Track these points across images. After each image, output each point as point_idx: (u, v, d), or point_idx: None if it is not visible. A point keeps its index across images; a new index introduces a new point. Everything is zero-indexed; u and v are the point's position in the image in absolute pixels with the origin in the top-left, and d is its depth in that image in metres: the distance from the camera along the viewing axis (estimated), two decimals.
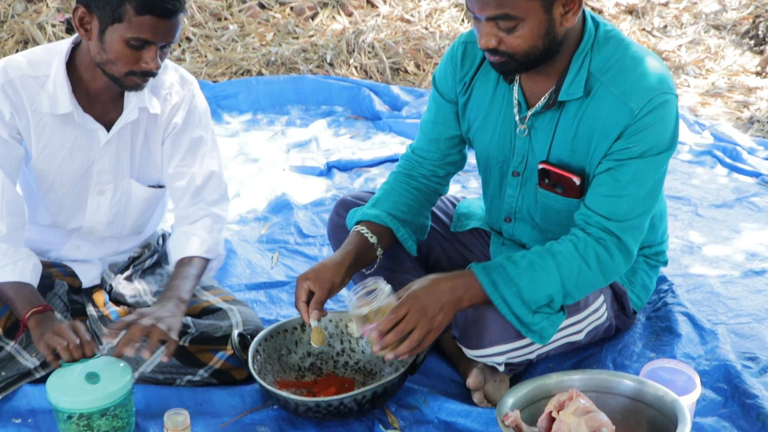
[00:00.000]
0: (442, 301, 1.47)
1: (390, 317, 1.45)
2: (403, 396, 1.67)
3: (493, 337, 1.55)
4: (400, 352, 1.46)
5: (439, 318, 1.46)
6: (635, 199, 1.49)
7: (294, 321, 1.76)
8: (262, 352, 1.68)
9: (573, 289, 1.50)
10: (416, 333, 1.45)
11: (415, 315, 1.45)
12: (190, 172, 1.72)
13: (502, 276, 1.49)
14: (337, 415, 1.54)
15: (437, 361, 1.81)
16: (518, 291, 1.48)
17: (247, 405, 1.64)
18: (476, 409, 1.61)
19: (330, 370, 1.75)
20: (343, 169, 2.93)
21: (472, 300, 1.50)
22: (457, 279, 1.50)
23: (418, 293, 1.48)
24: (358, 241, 1.62)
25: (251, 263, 2.23)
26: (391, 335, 1.45)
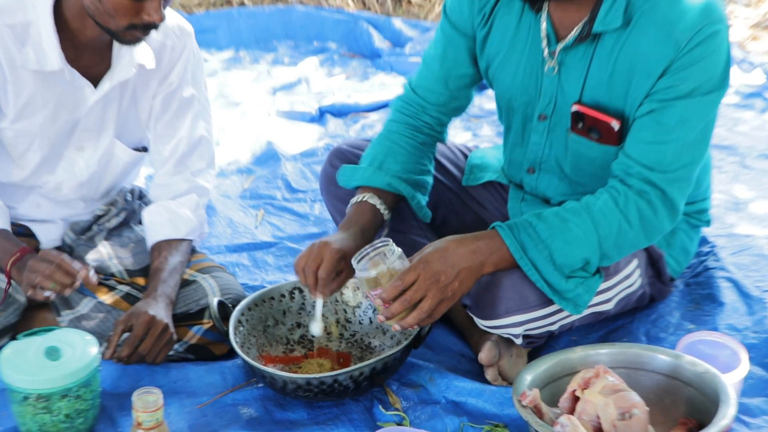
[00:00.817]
0: (458, 267, 1.45)
1: (396, 284, 1.43)
2: (406, 373, 1.66)
3: (510, 305, 1.53)
4: (407, 324, 1.44)
5: (454, 286, 1.44)
6: (682, 145, 1.46)
7: (282, 287, 1.75)
8: (245, 323, 1.67)
9: (611, 250, 1.49)
10: (426, 303, 1.43)
11: (425, 282, 1.43)
12: (176, 136, 1.72)
13: (531, 237, 1.47)
14: (330, 394, 1.53)
15: (445, 333, 1.81)
16: (550, 254, 1.46)
17: (228, 383, 1.63)
18: (489, 388, 1.60)
19: (323, 343, 1.74)
20: (338, 115, 2.91)
21: (496, 265, 1.48)
22: (479, 241, 1.47)
23: (430, 257, 1.45)
24: (369, 216, 1.59)
25: (232, 222, 2.22)
26: (397, 304, 1.43)
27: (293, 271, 1.58)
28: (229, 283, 1.76)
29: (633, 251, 1.54)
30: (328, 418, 1.55)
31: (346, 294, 1.75)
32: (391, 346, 1.70)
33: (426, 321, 1.46)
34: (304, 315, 1.76)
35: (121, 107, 1.68)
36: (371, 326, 1.75)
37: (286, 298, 1.75)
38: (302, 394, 1.54)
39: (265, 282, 2.00)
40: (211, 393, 1.61)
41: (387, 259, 1.45)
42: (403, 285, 1.43)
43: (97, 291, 1.70)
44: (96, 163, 1.71)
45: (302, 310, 1.76)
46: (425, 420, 1.55)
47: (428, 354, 1.74)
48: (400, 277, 1.43)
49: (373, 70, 3.18)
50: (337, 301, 1.76)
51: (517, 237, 1.48)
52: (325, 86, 3.08)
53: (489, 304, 1.56)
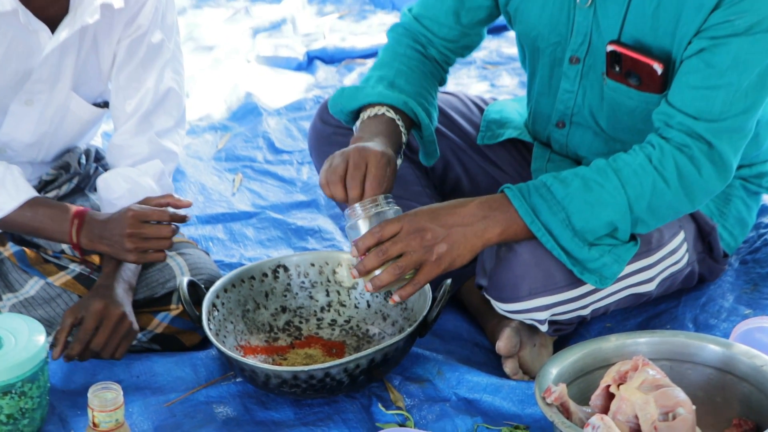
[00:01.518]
0: (450, 228, 1.45)
1: (373, 230, 1.44)
2: (411, 365, 1.65)
3: (534, 284, 1.52)
4: (379, 282, 1.44)
5: (441, 249, 1.44)
6: (735, 91, 1.44)
7: (264, 265, 1.74)
8: (221, 307, 1.66)
9: (645, 214, 1.48)
10: (404, 259, 1.43)
11: (406, 236, 1.43)
12: (141, 89, 1.71)
13: (544, 199, 1.47)
14: (321, 390, 1.52)
15: (456, 319, 1.80)
16: (567, 217, 1.46)
17: (201, 378, 1.63)
18: (508, 383, 1.59)
19: (312, 330, 1.73)
20: (329, 61, 2.90)
21: (504, 233, 1.48)
22: (482, 204, 1.48)
23: (420, 212, 1.47)
24: (390, 130, 1.57)
25: (205, 188, 2.20)
26: (371, 255, 1.44)
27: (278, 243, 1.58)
28: (201, 260, 1.74)
29: (675, 217, 1.53)
30: (319, 419, 1.54)
31: (340, 273, 1.74)
32: (393, 334, 1.68)
33: (408, 289, 1.45)
34: (289, 297, 1.75)
35: (80, 55, 1.67)
36: (369, 311, 1.74)
37: (268, 277, 1.73)
38: (288, 390, 1.52)
39: (244, 259, 1.99)
40: (180, 389, 1.60)
41: (381, 209, 1.46)
42: (381, 234, 1.44)
43: (45, 270, 1.68)
44: (48, 121, 1.69)
45: (287, 292, 1.75)
46: (432, 420, 1.54)
47: (436, 343, 1.73)
48: (381, 225, 1.44)
49: (371, 8, 3.15)
50: (329, 281, 1.75)
51: (528, 199, 1.47)
52: (314, 27, 3.05)
53: (509, 283, 1.54)
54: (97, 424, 1.40)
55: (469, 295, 1.79)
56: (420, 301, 1.64)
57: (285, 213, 2.11)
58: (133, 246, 1.59)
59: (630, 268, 1.57)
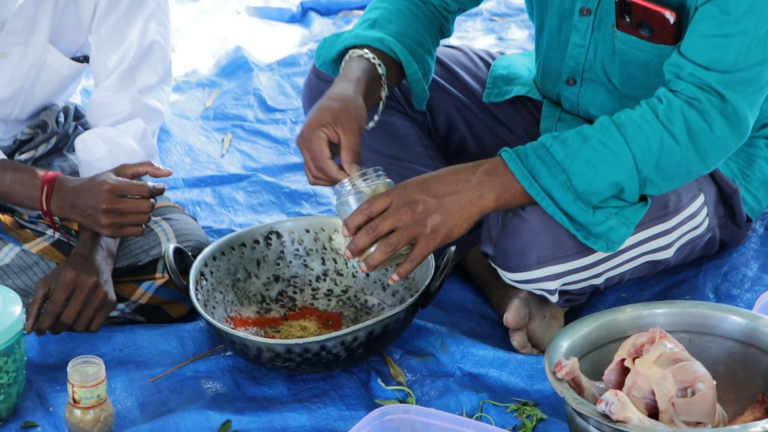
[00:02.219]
0: (442, 197, 1.46)
1: (362, 207, 1.45)
2: (412, 338, 1.67)
3: (543, 252, 1.53)
4: (373, 262, 1.46)
5: (434, 221, 1.46)
6: (751, 39, 1.43)
7: (255, 231, 1.74)
8: (209, 276, 1.67)
9: (653, 173, 1.47)
10: (395, 235, 1.45)
11: (396, 210, 1.45)
12: (124, 42, 1.71)
13: (543, 161, 1.47)
14: (317, 364, 1.54)
15: (461, 289, 1.81)
16: (568, 179, 1.47)
17: (189, 352, 1.64)
18: (516, 357, 1.60)
19: (307, 301, 1.74)
20: (325, 13, 2.91)
21: (502, 199, 1.49)
22: (476, 169, 1.49)
23: (410, 183, 1.48)
24: (366, 69, 1.56)
25: (192, 149, 2.22)
26: (361, 234, 1.45)
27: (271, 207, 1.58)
28: (189, 226, 1.75)
29: (688, 177, 1.53)
30: (314, 395, 1.55)
31: (337, 240, 1.75)
32: (393, 305, 1.70)
33: (406, 267, 1.47)
34: (282, 266, 1.76)
35: (58, 5, 1.67)
36: (368, 280, 1.75)
37: (260, 244, 1.74)
38: (281, 365, 1.53)
39: (234, 225, 2.00)
40: (166, 363, 1.60)
41: (370, 183, 1.47)
42: (370, 210, 1.45)
43: (21, 236, 1.69)
44: (23, 75, 1.69)
45: (281, 260, 1.76)
46: (435, 397, 1.55)
47: (439, 315, 1.74)
48: (369, 201, 1.46)
49: None
50: (325, 249, 1.76)
51: (526, 162, 1.48)
52: None
53: (516, 251, 1.55)
54: (78, 400, 1.40)
55: (475, 264, 1.79)
56: (422, 271, 1.64)
57: (278, 176, 2.11)
58: (108, 221, 1.59)
59: (646, 234, 1.57)
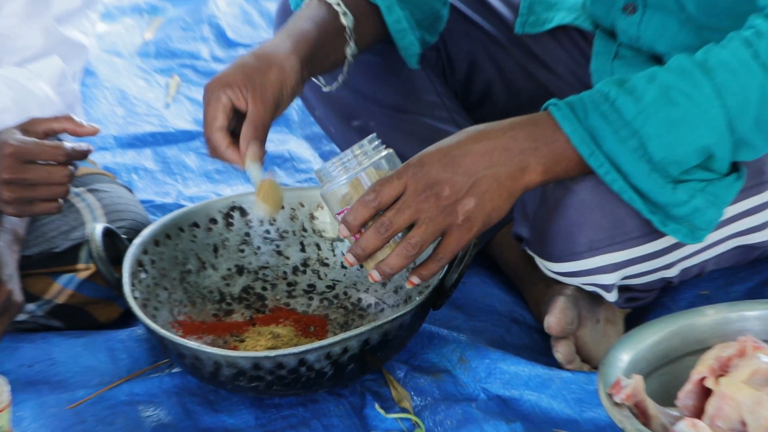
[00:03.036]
0: (475, 174, 1.43)
1: (367, 198, 1.42)
2: (421, 350, 1.64)
3: (597, 235, 1.51)
4: (390, 268, 1.43)
5: (467, 206, 1.43)
6: None
7: (211, 207, 1.73)
8: (151, 267, 1.65)
9: (752, 132, 1.45)
10: (418, 231, 1.41)
11: (415, 196, 1.41)
12: None
13: (608, 119, 1.44)
14: (294, 385, 1.51)
15: (486, 284, 1.79)
16: (641, 145, 1.44)
17: (122, 368, 1.61)
18: (560, 375, 1.58)
19: (281, 300, 1.73)
20: None
21: (551, 171, 1.46)
22: (514, 130, 1.46)
23: (428, 158, 1.44)
24: (322, 19, 1.58)
25: (127, 97, 2.23)
26: (370, 233, 1.42)
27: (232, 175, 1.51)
28: (122, 200, 1.73)
29: None
30: (290, 425, 1.53)
31: (320, 218, 1.73)
32: (396, 306, 1.66)
33: (431, 267, 1.44)
34: (248, 253, 1.72)
35: None
36: (362, 273, 1.72)
37: (218, 224, 1.72)
38: (246, 385, 1.50)
39: (183, 198, 1.97)
40: (92, 384, 1.58)
41: (368, 160, 1.43)
42: (379, 201, 1.41)
43: None
44: None
45: (246, 246, 1.73)
46: (453, 428, 1.52)
47: (457, 319, 1.72)
48: (375, 188, 1.42)
49: None
50: (305, 231, 1.73)
51: (584, 119, 1.44)
52: None
53: (561, 234, 1.53)
54: None
55: (505, 251, 1.78)
56: None
57: None
58: (12, 196, 1.56)
59: (735, 210, 1.54)
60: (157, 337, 1.52)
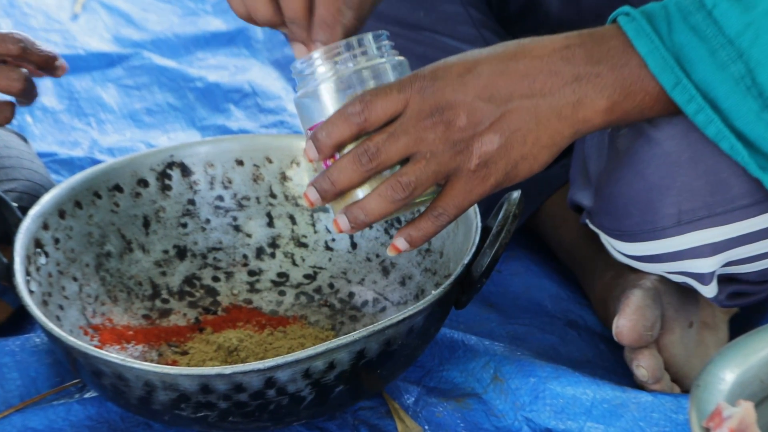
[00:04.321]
0: (504, 98, 1.44)
1: (351, 107, 1.43)
2: (439, 366, 1.66)
3: (689, 203, 1.52)
4: (364, 217, 1.43)
5: (488, 144, 1.43)
6: None
7: (141, 163, 1.76)
8: (54, 247, 1.67)
9: None
10: (413, 167, 1.42)
11: (416, 119, 1.43)
12: None
13: (700, 35, 1.44)
14: (258, 415, 1.49)
15: (530, 273, 1.85)
16: (749, 71, 1.44)
17: (12, 393, 1.63)
18: (638, 398, 1.59)
19: (240, 295, 1.77)
20: None
21: (618, 108, 1.46)
22: (567, 48, 1.47)
23: (443, 71, 1.44)
24: None
25: (15, 4, 2.38)
26: (347, 161, 1.42)
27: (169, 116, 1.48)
28: (11, 153, 1.77)
29: None
30: None
31: (295, 178, 1.77)
32: (403, 303, 1.68)
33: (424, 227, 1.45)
34: (193, 228, 1.76)
35: None
36: (355, 256, 1.75)
37: (151, 188, 1.75)
38: (191, 416, 1.48)
39: (99, 150, 2.03)
40: None
41: (367, 62, 1.46)
42: (367, 115, 1.43)
43: None
44: None
45: (189, 218, 1.76)
46: None
47: (491, 321, 1.76)
48: (366, 95, 1.43)
49: None
50: (274, 196, 1.76)
51: (667, 36, 1.44)
52: None
53: (637, 202, 1.54)
54: None
55: (557, 226, 1.82)
56: (455, 237, 1.62)
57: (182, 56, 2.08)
58: None
59: None
60: (63, 348, 1.48)
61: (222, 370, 1.44)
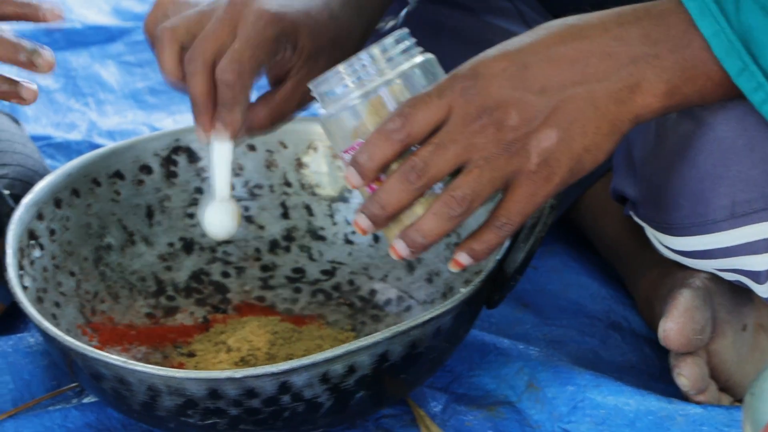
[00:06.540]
0: (556, 88, 1.41)
1: (392, 123, 1.40)
2: (469, 371, 1.65)
3: (744, 194, 1.50)
4: (422, 239, 1.39)
5: (545, 140, 1.39)
6: None
7: (144, 147, 1.77)
8: (50, 239, 1.66)
9: None
10: (467, 179, 1.38)
11: (463, 125, 1.39)
12: None
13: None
14: (271, 422, 1.48)
15: (569, 270, 1.86)
16: None
17: (4, 398, 1.64)
18: (685, 410, 1.57)
19: (252, 292, 1.77)
20: None
21: (678, 93, 1.43)
22: (626, 27, 1.44)
23: (486, 65, 1.42)
24: None
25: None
26: (394, 181, 1.40)
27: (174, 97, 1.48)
28: (2, 136, 1.80)
29: None
30: None
31: (313, 167, 1.78)
32: (429, 302, 1.68)
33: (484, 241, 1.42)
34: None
35: None
36: (376, 251, 1.75)
37: (155, 174, 1.76)
38: (199, 422, 1.47)
39: (99, 133, 2.06)
40: None
41: (393, 69, 1.43)
42: (409, 130, 1.39)
43: None
44: None
45: (197, 206, 1.72)
46: None
47: (525, 322, 1.76)
48: (403, 110, 1.39)
49: None
50: (289, 184, 1.77)
51: (734, 15, 1.41)
52: None
53: (687, 192, 1.52)
54: None
55: (599, 219, 1.83)
56: None
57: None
58: None
59: None
60: (60, 348, 1.47)
61: (232, 373, 1.43)
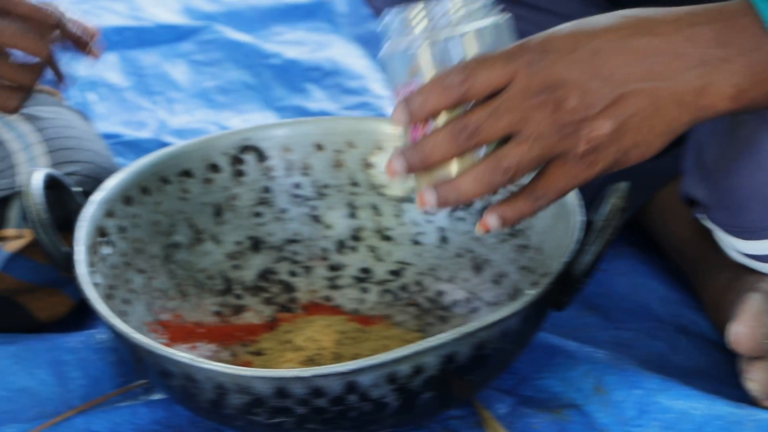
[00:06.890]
0: (627, 82, 1.39)
1: (454, 76, 1.39)
2: (535, 374, 1.65)
3: None
4: (454, 194, 1.40)
5: (599, 128, 1.38)
6: None
7: (213, 146, 1.78)
8: (119, 236, 1.67)
9: None
10: (516, 150, 1.38)
11: (525, 95, 1.36)
12: None
13: None
14: (338, 422, 1.47)
15: (637, 274, 1.84)
16: None
17: (74, 394, 1.63)
18: (754, 416, 1.54)
19: (319, 291, 1.77)
20: None
21: (746, 95, 1.41)
22: (698, 27, 1.42)
23: (557, 41, 1.42)
24: None
25: None
26: (442, 134, 1.40)
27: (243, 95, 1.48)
28: (73, 133, 1.79)
29: None
30: None
31: (379, 165, 1.78)
32: (496, 303, 1.67)
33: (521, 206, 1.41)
34: (269, 218, 1.76)
35: None
36: (444, 251, 1.74)
37: (223, 173, 1.77)
38: (266, 421, 1.47)
39: (167, 132, 2.06)
40: (27, 417, 1.59)
41: (468, 20, 1.42)
42: (469, 86, 1.39)
43: None
44: None
45: (265, 206, 1.76)
46: None
47: (592, 326, 1.75)
48: (468, 66, 1.39)
49: None
50: (356, 184, 1.77)
51: None
52: None
53: (759, 195, 1.54)
54: None
55: (668, 221, 1.81)
56: (555, 231, 1.61)
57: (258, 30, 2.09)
58: None
59: None
60: (129, 346, 1.48)
61: (300, 372, 1.43)
